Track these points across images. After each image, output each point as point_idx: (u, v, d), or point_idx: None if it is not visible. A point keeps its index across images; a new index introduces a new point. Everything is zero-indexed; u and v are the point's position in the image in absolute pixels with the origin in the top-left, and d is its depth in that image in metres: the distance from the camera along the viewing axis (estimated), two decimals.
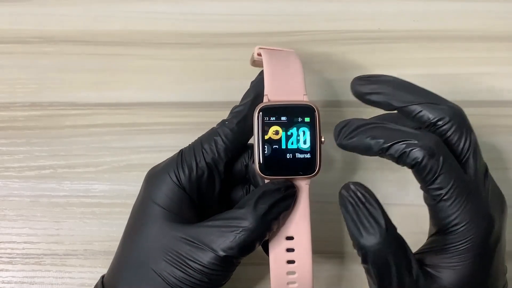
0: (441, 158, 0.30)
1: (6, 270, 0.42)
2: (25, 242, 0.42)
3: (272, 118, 0.33)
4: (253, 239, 0.31)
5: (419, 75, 0.46)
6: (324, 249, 0.42)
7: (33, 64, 0.46)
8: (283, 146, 0.33)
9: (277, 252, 0.33)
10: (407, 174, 0.32)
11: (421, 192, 0.32)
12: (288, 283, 0.33)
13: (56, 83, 0.46)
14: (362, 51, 0.47)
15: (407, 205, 0.43)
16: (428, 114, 0.31)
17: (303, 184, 0.33)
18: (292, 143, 0.33)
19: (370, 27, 0.47)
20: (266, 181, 0.34)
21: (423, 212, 0.33)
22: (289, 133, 0.33)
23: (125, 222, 0.36)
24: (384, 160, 0.36)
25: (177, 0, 0.48)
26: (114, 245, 0.36)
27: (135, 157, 0.44)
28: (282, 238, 0.33)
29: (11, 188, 0.43)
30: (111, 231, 0.42)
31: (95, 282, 0.36)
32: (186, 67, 0.46)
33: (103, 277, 0.35)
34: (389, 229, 0.30)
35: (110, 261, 0.36)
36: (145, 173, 0.36)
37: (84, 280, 0.42)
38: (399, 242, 0.30)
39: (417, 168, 0.30)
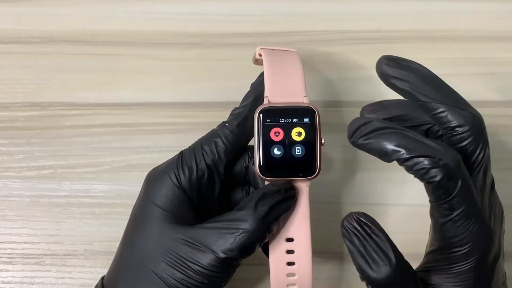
0: (459, 182, 0.28)
1: (6, 270, 0.42)
2: (25, 242, 0.42)
3: (272, 120, 0.33)
4: (253, 241, 0.31)
5: None
6: (324, 249, 0.42)
7: (33, 64, 0.46)
8: (283, 148, 0.33)
9: (277, 253, 0.33)
10: (406, 174, 0.31)
11: (420, 192, 0.32)
12: (288, 285, 0.33)
13: (56, 83, 0.45)
14: (362, 51, 0.47)
15: (406, 205, 0.43)
16: (449, 117, 0.30)
17: (303, 186, 0.33)
18: (292, 145, 0.33)
19: (370, 27, 0.47)
20: (266, 182, 0.34)
21: (423, 212, 0.33)
22: (289, 134, 0.33)
23: (125, 223, 0.36)
24: None
25: (177, 0, 0.48)
26: (114, 245, 0.36)
27: (135, 157, 0.44)
28: (282, 239, 0.33)
29: (11, 188, 0.43)
30: (111, 231, 0.42)
31: (95, 282, 0.36)
32: (186, 67, 0.46)
33: (103, 278, 0.36)
34: (398, 260, 0.29)
35: (110, 261, 0.36)
36: (145, 173, 0.36)
37: (84, 280, 0.41)
38: (408, 270, 0.30)
39: (433, 186, 0.29)
